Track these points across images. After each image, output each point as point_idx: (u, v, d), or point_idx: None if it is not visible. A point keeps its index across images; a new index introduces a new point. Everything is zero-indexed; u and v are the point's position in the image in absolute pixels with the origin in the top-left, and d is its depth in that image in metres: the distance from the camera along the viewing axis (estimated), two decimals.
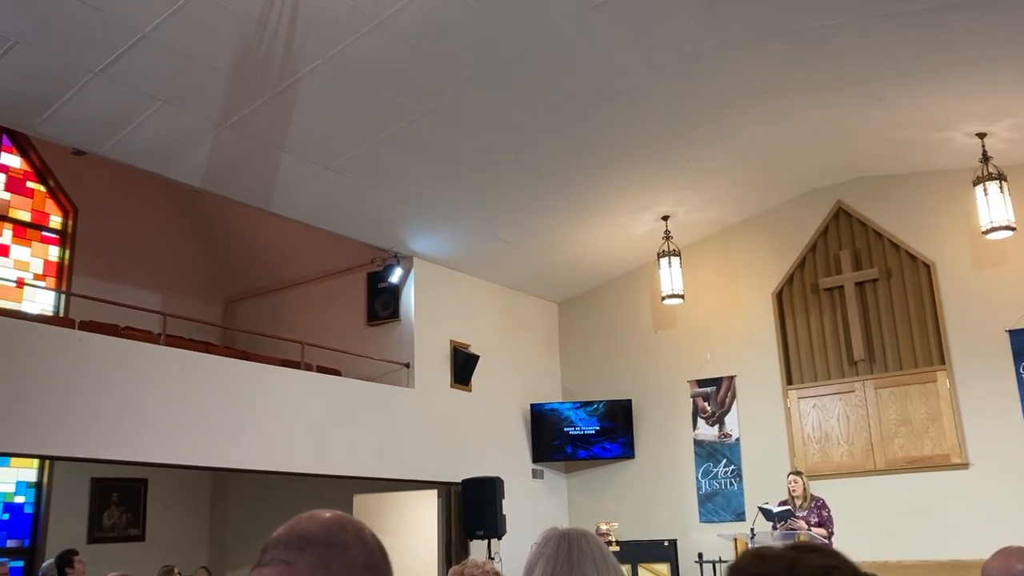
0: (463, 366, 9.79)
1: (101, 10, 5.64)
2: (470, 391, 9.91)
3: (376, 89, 6.86)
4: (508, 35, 6.48)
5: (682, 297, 10.04)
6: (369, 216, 8.72)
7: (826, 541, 7.45)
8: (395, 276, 9.44)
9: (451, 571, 2.84)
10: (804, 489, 7.81)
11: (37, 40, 5.84)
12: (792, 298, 10.05)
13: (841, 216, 9.86)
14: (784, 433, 9.76)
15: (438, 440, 9.32)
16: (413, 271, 9.55)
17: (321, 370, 9.05)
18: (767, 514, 7.67)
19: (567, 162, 8.39)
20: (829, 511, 7.72)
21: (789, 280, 10.07)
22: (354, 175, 7.94)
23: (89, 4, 5.57)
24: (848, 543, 8.08)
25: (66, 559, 7.07)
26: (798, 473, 8.00)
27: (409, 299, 9.52)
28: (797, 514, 7.66)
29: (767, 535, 7.60)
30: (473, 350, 9.91)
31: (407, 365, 9.32)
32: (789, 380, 9.87)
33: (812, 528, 7.52)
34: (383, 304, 9.64)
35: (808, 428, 9.65)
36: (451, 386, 9.73)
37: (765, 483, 9.32)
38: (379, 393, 8.97)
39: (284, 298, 10.65)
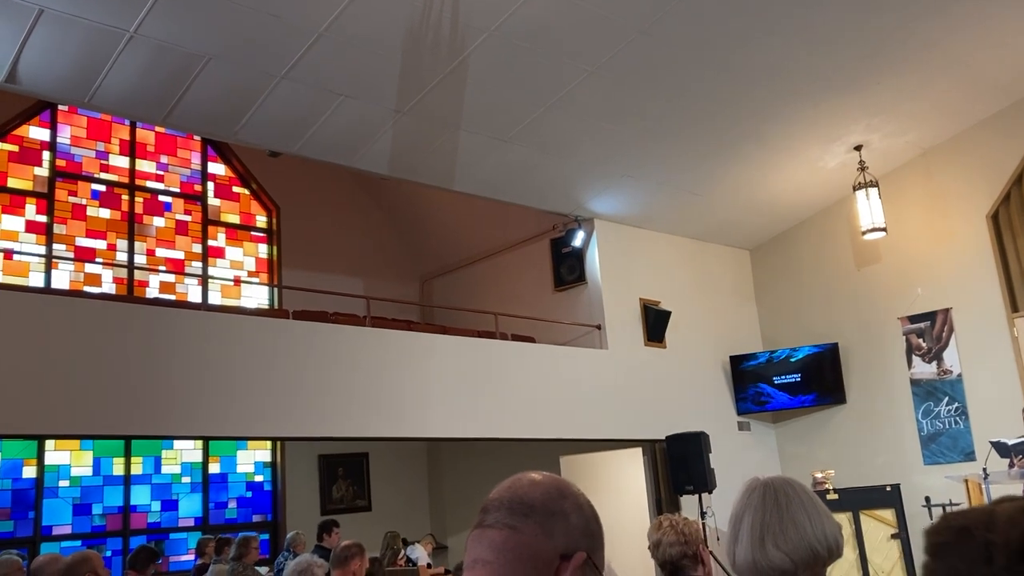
0: (655, 323, 9.71)
1: (279, 16, 5.97)
2: (665, 348, 9.81)
3: (543, 54, 6.87)
4: None
5: (884, 230, 9.45)
6: (547, 182, 8.78)
7: None
8: (577, 240, 9.47)
9: (650, 527, 2.83)
10: None
11: (227, 54, 6.28)
12: (1010, 218, 9.20)
13: None
14: (1013, 364, 9.01)
15: (637, 399, 9.30)
16: (595, 233, 9.53)
17: (516, 338, 9.25)
18: (1002, 449, 7.14)
19: (745, 102, 8.06)
20: None
21: (1005, 199, 9.22)
22: (529, 143, 8.01)
23: (269, 13, 5.91)
24: None
25: (327, 527, 7.75)
26: None
27: (594, 261, 9.52)
28: None
29: (1003, 474, 7.08)
30: (664, 306, 9.79)
31: (598, 327, 9.35)
32: (1014, 307, 9.08)
33: None
34: (568, 269, 9.71)
35: None
36: (645, 344, 9.67)
37: (995, 419, 8.66)
38: (574, 356, 9.06)
39: (474, 271, 10.95)
